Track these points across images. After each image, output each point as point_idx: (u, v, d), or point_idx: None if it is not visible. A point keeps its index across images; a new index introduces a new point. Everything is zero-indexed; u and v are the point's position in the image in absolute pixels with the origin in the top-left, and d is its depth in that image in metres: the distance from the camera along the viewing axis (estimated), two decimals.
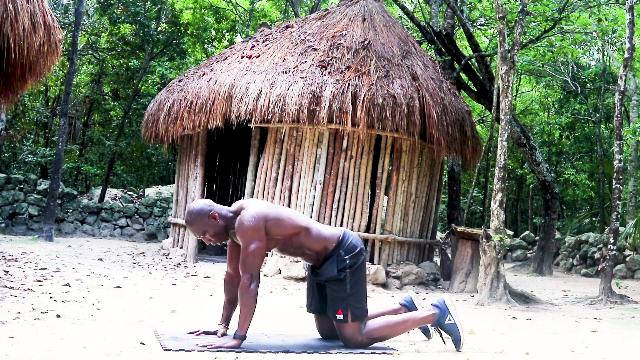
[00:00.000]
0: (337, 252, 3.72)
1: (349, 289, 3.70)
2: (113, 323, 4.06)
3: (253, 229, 3.52)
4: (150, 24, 14.54)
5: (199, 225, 3.59)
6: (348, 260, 3.71)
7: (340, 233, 3.80)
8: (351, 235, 3.82)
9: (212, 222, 3.60)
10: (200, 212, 3.59)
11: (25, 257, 7.82)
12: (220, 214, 3.63)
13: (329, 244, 3.74)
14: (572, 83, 17.56)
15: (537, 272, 12.35)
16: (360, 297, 3.75)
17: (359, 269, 3.75)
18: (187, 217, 3.62)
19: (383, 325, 3.81)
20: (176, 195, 10.15)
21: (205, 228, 3.60)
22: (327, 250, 3.74)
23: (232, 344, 3.45)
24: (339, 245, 3.74)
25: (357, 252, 3.76)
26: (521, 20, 8.07)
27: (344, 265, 3.70)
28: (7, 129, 14.31)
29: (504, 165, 7.21)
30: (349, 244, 3.75)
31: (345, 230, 3.87)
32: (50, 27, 5.43)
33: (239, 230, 3.55)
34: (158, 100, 9.88)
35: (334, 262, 3.71)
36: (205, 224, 3.59)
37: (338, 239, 3.75)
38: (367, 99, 7.93)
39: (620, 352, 4.22)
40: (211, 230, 3.61)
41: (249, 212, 3.56)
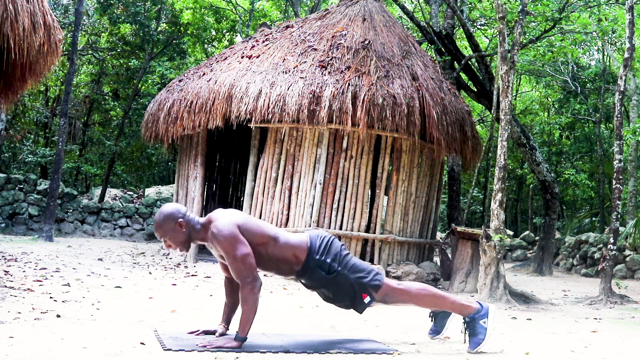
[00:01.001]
0: (313, 259, 3.68)
1: (348, 274, 3.69)
2: (113, 323, 4.06)
3: (230, 236, 3.48)
4: (150, 24, 14.55)
5: (163, 228, 3.55)
6: (327, 259, 3.68)
7: (306, 239, 3.73)
8: (317, 236, 3.77)
9: (177, 229, 3.55)
10: (169, 217, 3.55)
11: (25, 257, 7.82)
12: (189, 224, 3.58)
13: (299, 252, 3.68)
14: (572, 83, 17.56)
15: (537, 272, 12.35)
16: (359, 267, 3.75)
17: (339, 254, 3.72)
18: (156, 217, 3.59)
19: (427, 292, 3.83)
20: (176, 195, 10.15)
21: (169, 234, 3.55)
22: (299, 260, 3.68)
23: (232, 345, 3.45)
24: (310, 252, 3.68)
25: (328, 243, 3.73)
26: (521, 20, 8.07)
27: (327, 265, 3.68)
28: (7, 129, 14.32)
29: (504, 165, 7.21)
30: (318, 245, 3.71)
31: (310, 233, 3.80)
32: (50, 27, 5.43)
33: (216, 242, 3.50)
34: (158, 100, 9.88)
35: (317, 269, 3.68)
36: (170, 229, 3.55)
37: (307, 247, 3.69)
38: (367, 99, 7.93)
39: (620, 352, 4.22)
40: (173, 237, 3.56)
41: (221, 222, 3.53)
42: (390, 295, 3.76)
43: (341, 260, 3.72)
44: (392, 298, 3.77)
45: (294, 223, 8.15)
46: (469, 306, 3.84)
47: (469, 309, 3.83)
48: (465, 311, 3.83)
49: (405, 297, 3.79)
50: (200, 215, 9.34)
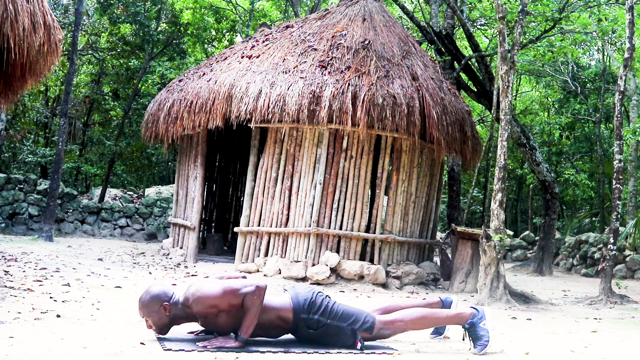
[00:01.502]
0: (300, 318, 3.65)
1: (339, 323, 3.69)
2: (113, 323, 4.06)
3: (214, 290, 3.48)
4: (150, 24, 14.55)
5: (147, 309, 3.54)
6: (315, 315, 3.67)
7: (288, 299, 3.70)
8: (299, 294, 3.73)
9: (161, 313, 3.54)
10: (155, 298, 3.54)
11: (25, 257, 7.81)
12: (173, 307, 3.56)
13: (285, 313, 3.65)
14: (572, 83, 17.56)
15: (537, 272, 12.35)
16: (348, 313, 3.74)
17: (326, 308, 3.70)
18: (142, 296, 3.57)
19: (420, 315, 3.86)
20: (176, 195, 10.15)
21: (151, 315, 3.54)
22: (287, 321, 3.66)
23: (233, 345, 3.45)
24: (296, 312, 3.66)
25: (314, 299, 3.71)
26: (521, 20, 8.07)
27: (316, 321, 3.66)
28: (7, 129, 14.31)
29: (504, 165, 7.21)
30: (303, 303, 3.68)
31: (290, 292, 3.78)
32: (50, 27, 5.43)
33: (204, 304, 3.46)
34: (158, 100, 9.88)
35: (305, 327, 3.67)
36: (154, 311, 3.54)
37: (291, 307, 3.66)
38: (367, 99, 7.93)
39: (620, 352, 4.22)
40: (156, 319, 3.55)
41: (198, 287, 3.54)
42: (385, 328, 3.79)
43: (329, 312, 3.70)
44: (388, 330, 3.80)
45: (294, 223, 8.15)
46: (464, 313, 3.87)
47: (465, 317, 3.86)
48: (463, 319, 3.86)
49: (401, 325, 3.82)
50: (200, 214, 9.34)
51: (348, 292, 7.30)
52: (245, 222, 8.45)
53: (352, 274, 7.89)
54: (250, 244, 8.37)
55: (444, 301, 4.20)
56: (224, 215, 12.33)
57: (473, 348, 3.78)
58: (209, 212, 12.07)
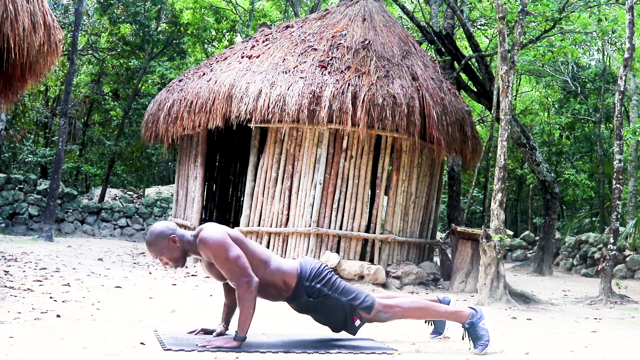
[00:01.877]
0: (303, 285, 3.69)
1: (339, 296, 3.71)
2: (113, 323, 4.06)
3: (219, 240, 3.48)
4: (150, 24, 14.55)
5: (157, 247, 3.55)
6: (317, 284, 3.70)
7: (297, 266, 3.74)
8: (308, 263, 3.79)
9: (171, 246, 3.55)
10: (161, 235, 3.55)
11: (25, 257, 7.82)
12: (182, 239, 3.58)
13: (290, 279, 3.68)
14: (572, 83, 17.55)
15: (537, 272, 12.35)
16: (350, 290, 3.78)
17: (329, 280, 3.74)
18: (147, 237, 3.58)
19: (420, 304, 3.88)
20: (176, 195, 10.15)
21: (163, 251, 3.55)
22: (289, 286, 3.69)
23: (232, 345, 3.45)
24: (300, 279, 3.69)
25: (320, 270, 3.75)
26: (521, 20, 8.07)
27: (317, 290, 3.69)
28: (7, 129, 14.31)
29: (504, 165, 7.21)
30: (309, 272, 3.72)
31: (301, 260, 3.82)
32: (50, 27, 5.43)
33: (205, 248, 3.49)
34: (158, 100, 9.88)
35: (306, 295, 3.69)
36: (164, 246, 3.54)
37: (297, 274, 3.70)
38: (367, 99, 7.93)
39: (620, 352, 4.22)
40: (168, 254, 3.56)
41: (209, 230, 3.54)
42: (384, 311, 3.80)
43: (331, 285, 3.74)
44: (386, 314, 3.81)
45: (294, 223, 8.15)
46: (463, 312, 3.87)
47: (464, 316, 3.86)
48: (462, 318, 3.86)
49: (399, 310, 3.83)
50: (200, 214, 9.34)
51: None
52: (245, 222, 8.45)
53: (352, 274, 7.90)
54: None
55: (442, 300, 4.20)
56: (224, 215, 12.33)
57: (473, 348, 3.77)
58: (209, 212, 12.07)
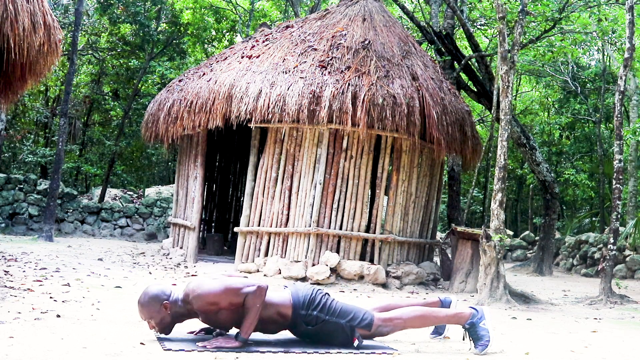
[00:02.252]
0: (299, 314, 3.66)
1: (337, 320, 3.69)
2: (113, 323, 4.06)
3: (209, 285, 3.48)
4: (150, 24, 14.55)
5: (148, 310, 3.54)
6: (314, 311, 3.68)
7: (289, 296, 3.71)
8: (299, 291, 3.75)
9: (162, 311, 3.55)
10: (154, 298, 3.54)
11: (25, 257, 7.81)
12: (174, 305, 3.57)
13: (284, 310, 3.66)
14: (572, 83, 17.55)
15: (537, 272, 12.34)
16: (346, 310, 3.75)
17: (325, 304, 3.72)
18: (141, 298, 3.57)
19: (420, 313, 3.86)
20: (176, 195, 10.15)
21: (153, 315, 3.54)
22: (286, 317, 3.67)
23: (233, 345, 3.45)
24: (295, 308, 3.67)
25: (313, 296, 3.72)
26: (521, 20, 8.07)
27: (314, 318, 3.67)
28: (7, 129, 14.31)
29: (504, 165, 7.21)
30: (302, 300, 3.69)
31: (291, 289, 3.79)
32: (50, 27, 5.43)
33: (202, 298, 3.46)
34: (158, 100, 9.88)
35: (303, 324, 3.68)
36: (155, 311, 3.54)
37: (291, 304, 3.67)
38: (367, 99, 7.93)
39: (620, 352, 4.22)
40: (157, 319, 3.55)
41: (194, 284, 3.55)
42: (384, 325, 3.79)
43: (328, 309, 3.71)
44: (387, 328, 3.80)
45: (294, 223, 8.15)
46: (464, 313, 3.87)
47: (464, 316, 3.86)
48: (462, 320, 3.86)
49: (399, 322, 3.82)
50: (200, 214, 9.35)
51: (348, 292, 7.30)
52: (245, 222, 8.45)
53: (352, 274, 7.89)
54: (250, 244, 8.37)
55: (443, 301, 4.20)
56: (224, 215, 12.33)
57: (474, 348, 3.78)
58: (209, 212, 12.08)
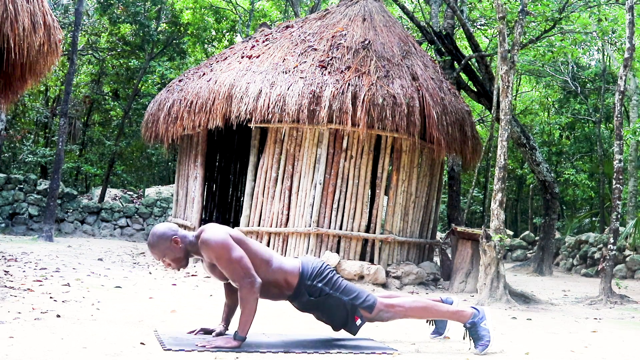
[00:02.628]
0: (304, 284, 3.69)
1: (340, 295, 3.72)
2: (113, 323, 4.06)
3: (221, 241, 3.49)
4: (150, 24, 14.55)
5: (159, 248, 3.55)
6: (319, 283, 3.70)
7: (299, 265, 3.75)
8: (309, 262, 3.80)
9: (173, 247, 3.56)
10: (163, 236, 3.55)
11: (25, 257, 7.82)
12: (183, 240, 3.59)
13: (291, 278, 3.69)
14: (572, 83, 17.55)
15: (537, 272, 12.35)
16: (351, 289, 3.78)
17: (331, 279, 3.75)
18: (149, 239, 3.58)
19: (422, 304, 3.89)
20: (176, 195, 10.15)
21: (166, 252, 3.56)
22: (290, 285, 3.70)
23: (232, 345, 3.46)
24: (302, 277, 3.70)
25: (321, 269, 3.75)
26: (521, 20, 8.07)
27: (318, 289, 3.70)
28: (7, 129, 14.32)
29: (504, 165, 7.21)
30: (311, 271, 3.72)
31: (302, 259, 3.83)
32: (50, 27, 5.43)
33: (208, 249, 3.49)
34: (158, 100, 9.88)
35: (306, 294, 3.70)
36: (166, 247, 3.55)
37: (299, 272, 3.71)
38: (367, 99, 7.93)
39: (620, 352, 4.22)
40: (171, 255, 3.57)
41: (211, 231, 3.55)
42: (386, 311, 3.80)
43: (333, 284, 3.74)
44: (388, 313, 3.81)
45: (294, 223, 8.15)
46: (465, 312, 3.87)
47: (466, 315, 3.86)
48: (463, 318, 3.86)
49: (401, 310, 3.83)
50: (200, 214, 9.35)
51: None
52: (245, 222, 8.45)
53: (352, 273, 7.90)
54: None
55: (445, 301, 4.19)
56: (224, 215, 12.33)
57: (474, 348, 3.78)
58: (209, 212, 12.07)
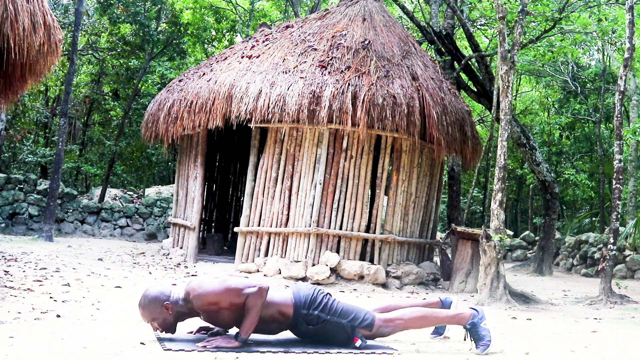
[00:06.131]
0: (301, 314, 3.67)
1: (338, 320, 3.70)
2: (113, 323, 4.06)
3: (211, 285, 3.48)
4: (150, 24, 14.54)
5: (149, 311, 3.55)
6: (315, 311, 3.68)
7: (290, 295, 3.72)
8: (301, 290, 3.76)
9: (164, 312, 3.55)
10: (155, 300, 3.55)
11: (25, 257, 7.81)
12: (175, 305, 3.57)
13: (286, 309, 3.66)
14: (572, 83, 17.55)
15: (537, 272, 12.34)
16: (348, 310, 3.76)
17: (326, 304, 3.72)
18: (141, 299, 3.58)
19: (421, 314, 3.87)
20: (176, 195, 10.15)
21: (155, 316, 3.56)
22: (287, 316, 3.67)
23: (232, 345, 3.46)
24: (296, 307, 3.67)
25: (315, 296, 3.73)
26: (521, 20, 8.07)
27: (316, 317, 3.67)
28: (7, 129, 14.32)
29: (504, 165, 7.21)
30: (304, 300, 3.69)
31: (292, 288, 3.80)
32: (50, 27, 5.43)
33: (203, 298, 3.47)
34: (158, 100, 9.88)
35: (304, 323, 3.68)
36: (157, 312, 3.55)
37: (292, 303, 3.68)
38: (367, 99, 7.93)
39: (620, 352, 4.22)
40: (160, 320, 3.56)
41: (194, 283, 3.55)
42: (385, 326, 3.80)
43: (329, 309, 3.72)
44: (388, 328, 3.81)
45: (294, 223, 8.15)
46: (464, 314, 3.88)
47: (465, 317, 3.86)
48: (463, 320, 3.87)
49: (401, 322, 3.83)
50: (200, 214, 9.35)
51: (348, 292, 7.30)
52: (245, 222, 8.45)
53: (352, 274, 7.89)
54: (250, 244, 8.37)
55: (444, 301, 4.20)
56: (224, 215, 12.33)
57: (475, 348, 3.78)
58: (209, 212, 12.07)
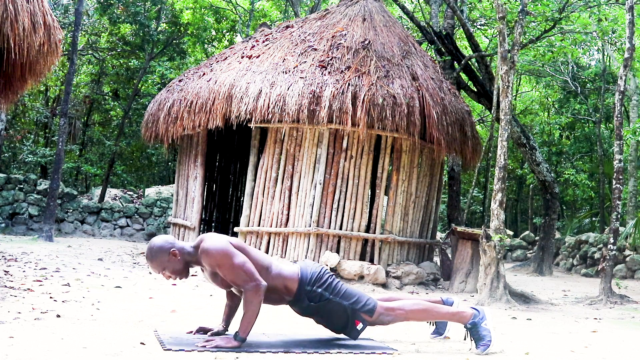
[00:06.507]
0: (304, 290, 3.69)
1: (340, 300, 3.72)
2: (113, 323, 4.06)
3: (222, 249, 3.49)
4: (150, 24, 14.54)
5: (158, 261, 3.56)
6: (319, 288, 3.71)
7: (297, 270, 3.75)
8: (308, 267, 3.79)
9: (172, 260, 3.56)
10: (161, 249, 3.56)
11: (25, 257, 7.81)
12: (182, 251, 3.59)
13: (291, 283, 3.69)
14: (572, 83, 17.55)
15: (537, 272, 12.34)
16: (351, 293, 3.78)
17: (330, 284, 3.75)
18: (147, 252, 3.59)
19: (422, 306, 3.89)
20: (176, 195, 10.15)
21: (165, 265, 3.57)
22: (290, 291, 3.70)
23: (232, 345, 3.46)
24: (301, 283, 3.70)
25: (320, 274, 3.75)
26: (521, 20, 8.07)
27: (318, 294, 3.70)
28: (7, 129, 14.32)
29: (504, 165, 7.21)
30: (310, 277, 3.72)
31: (301, 264, 3.83)
32: (50, 27, 5.43)
33: (209, 257, 3.50)
34: (158, 100, 9.89)
35: (306, 299, 3.70)
36: (165, 261, 3.56)
37: (298, 278, 3.71)
38: (367, 99, 7.93)
39: (620, 352, 4.22)
40: (170, 267, 3.58)
41: (211, 240, 3.55)
42: (386, 314, 3.81)
43: (333, 288, 3.74)
44: (389, 317, 3.81)
45: (294, 223, 8.15)
46: (466, 313, 3.88)
47: (466, 316, 3.86)
48: (464, 319, 3.87)
49: (402, 313, 3.84)
50: (200, 214, 9.34)
51: None
52: (245, 222, 8.45)
53: (352, 274, 7.90)
54: (250, 244, 8.37)
55: (445, 301, 4.19)
56: (224, 215, 12.33)
57: (475, 348, 3.78)
58: (209, 212, 12.07)
